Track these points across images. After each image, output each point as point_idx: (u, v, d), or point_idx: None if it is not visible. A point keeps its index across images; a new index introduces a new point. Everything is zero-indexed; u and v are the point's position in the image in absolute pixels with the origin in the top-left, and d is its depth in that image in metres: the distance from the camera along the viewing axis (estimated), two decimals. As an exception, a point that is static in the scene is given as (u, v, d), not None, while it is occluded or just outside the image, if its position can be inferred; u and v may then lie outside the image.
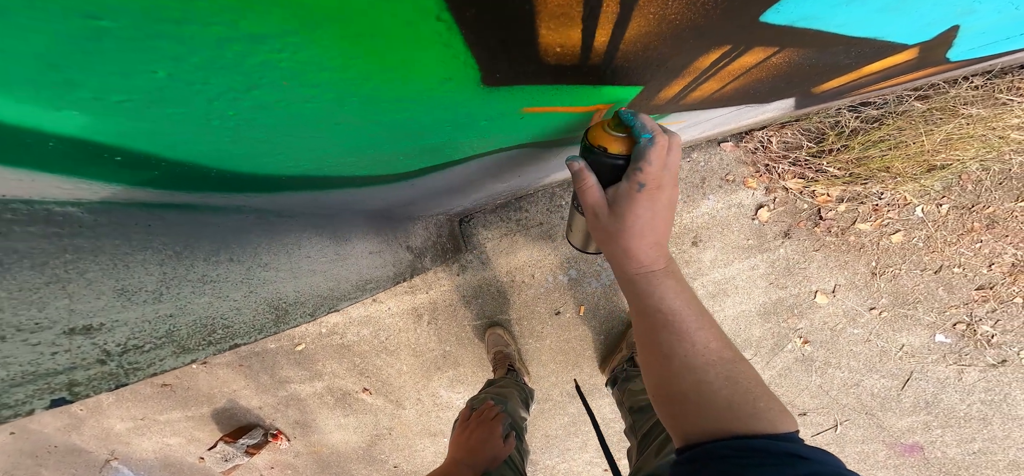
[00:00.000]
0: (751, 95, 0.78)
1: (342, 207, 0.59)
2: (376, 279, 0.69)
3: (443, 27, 0.21)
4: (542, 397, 1.68)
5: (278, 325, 0.46)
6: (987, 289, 1.41)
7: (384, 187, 0.57)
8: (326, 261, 0.56)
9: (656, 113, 0.69)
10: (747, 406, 0.35)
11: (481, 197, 1.09)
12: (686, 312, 0.39)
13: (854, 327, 1.51)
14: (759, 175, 1.35)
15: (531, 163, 0.80)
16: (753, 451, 0.32)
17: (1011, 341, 1.47)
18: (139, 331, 0.34)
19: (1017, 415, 1.57)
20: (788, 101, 0.98)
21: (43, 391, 0.28)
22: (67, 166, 0.26)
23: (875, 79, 0.90)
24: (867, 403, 1.62)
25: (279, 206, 0.47)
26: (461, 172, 0.64)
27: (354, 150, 0.36)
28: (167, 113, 0.22)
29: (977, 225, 1.34)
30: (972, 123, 1.14)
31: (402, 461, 1.94)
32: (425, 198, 0.78)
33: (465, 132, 0.42)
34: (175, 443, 1.93)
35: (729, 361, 0.37)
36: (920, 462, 1.70)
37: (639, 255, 0.40)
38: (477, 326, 1.56)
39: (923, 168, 1.24)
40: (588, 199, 0.43)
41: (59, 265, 0.29)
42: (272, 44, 0.18)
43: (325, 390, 1.74)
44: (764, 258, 1.42)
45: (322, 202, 0.52)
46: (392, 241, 0.80)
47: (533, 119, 0.46)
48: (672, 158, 0.40)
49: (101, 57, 0.16)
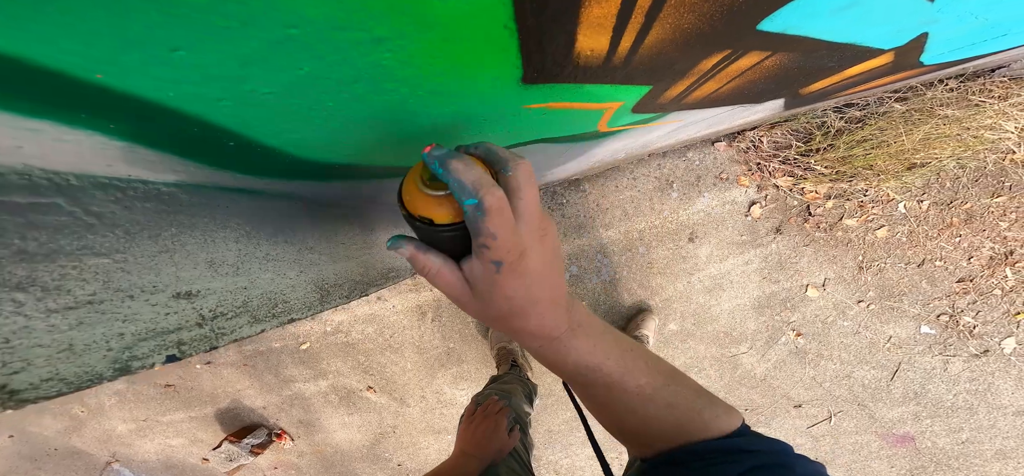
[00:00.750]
0: (745, 95, 0.86)
1: (369, 198, 0.64)
2: (398, 269, 0.74)
3: (507, 34, 0.27)
4: (545, 392, 1.73)
5: (323, 304, 0.51)
6: (967, 281, 1.50)
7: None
8: (358, 248, 0.61)
9: (660, 111, 0.76)
10: (693, 420, 0.36)
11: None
12: (607, 365, 0.36)
13: (844, 319, 1.59)
14: (751, 173, 1.43)
15: (539, 158, 0.86)
16: (710, 452, 0.34)
17: (992, 331, 1.56)
18: (224, 300, 0.39)
19: (1001, 404, 1.66)
20: (778, 102, 1.05)
21: (161, 347, 0.32)
22: (192, 149, 0.30)
23: (857, 81, 0.98)
24: (859, 394, 1.70)
25: (322, 195, 0.52)
26: None
27: (403, 141, 0.42)
28: (288, 103, 0.27)
29: (956, 220, 1.43)
30: (948, 123, 1.23)
31: (406, 459, 1.97)
32: None
33: (495, 127, 0.48)
34: (177, 444, 1.94)
35: (663, 387, 0.37)
36: (912, 452, 1.78)
37: (531, 330, 0.33)
38: (480, 323, 1.62)
39: (904, 166, 1.32)
40: (442, 289, 0.32)
41: (168, 237, 0.33)
42: (389, 45, 0.24)
43: (329, 389, 1.77)
44: (757, 253, 1.50)
45: (357, 192, 0.57)
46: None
47: (555, 115, 0.52)
48: (523, 204, 0.29)
49: (275, 57, 0.21)
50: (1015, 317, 1.52)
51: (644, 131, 0.89)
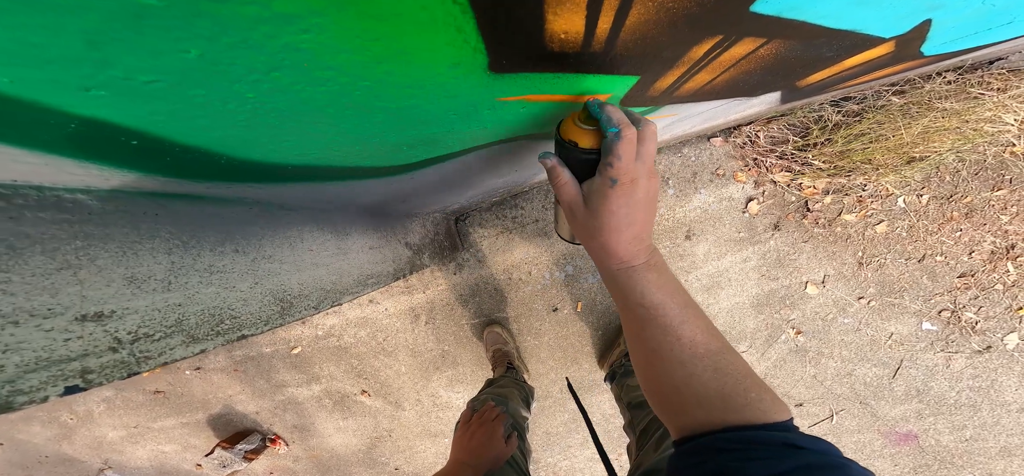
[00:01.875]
0: (740, 87, 0.81)
1: (341, 201, 0.60)
2: (377, 274, 0.69)
3: (458, 10, 0.23)
4: (542, 394, 1.68)
5: (284, 317, 0.46)
6: (969, 276, 1.45)
7: (383, 180, 0.58)
8: (328, 254, 0.56)
9: (651, 105, 0.71)
10: (738, 397, 0.35)
11: (477, 194, 1.10)
12: (670, 305, 0.38)
13: (844, 316, 1.54)
14: (748, 169, 1.38)
15: (528, 156, 0.81)
16: (752, 443, 0.32)
17: (994, 327, 1.51)
18: (149, 319, 0.34)
19: (1004, 401, 1.62)
20: (774, 95, 1.01)
21: (57, 378, 0.28)
22: (84, 150, 0.26)
23: (856, 73, 0.93)
24: (861, 392, 1.66)
25: (281, 198, 0.47)
26: (458, 165, 0.65)
27: (360, 138, 0.37)
28: (190, 95, 0.22)
29: (956, 214, 1.38)
30: (947, 116, 1.18)
31: (403, 463, 1.93)
32: (422, 193, 0.79)
33: (468, 122, 0.44)
34: (170, 450, 1.90)
35: (716, 352, 0.37)
36: (915, 450, 1.73)
37: (618, 251, 0.39)
38: (475, 325, 1.57)
39: (903, 160, 1.28)
40: (563, 196, 0.41)
41: (70, 251, 0.29)
42: (299, 24, 0.19)
43: (323, 393, 1.73)
44: (755, 250, 1.45)
45: (322, 195, 0.52)
46: (391, 237, 0.80)
47: (533, 108, 0.47)
48: (645, 149, 0.37)
49: (140, 36, 0.17)
50: (1017, 312, 1.48)
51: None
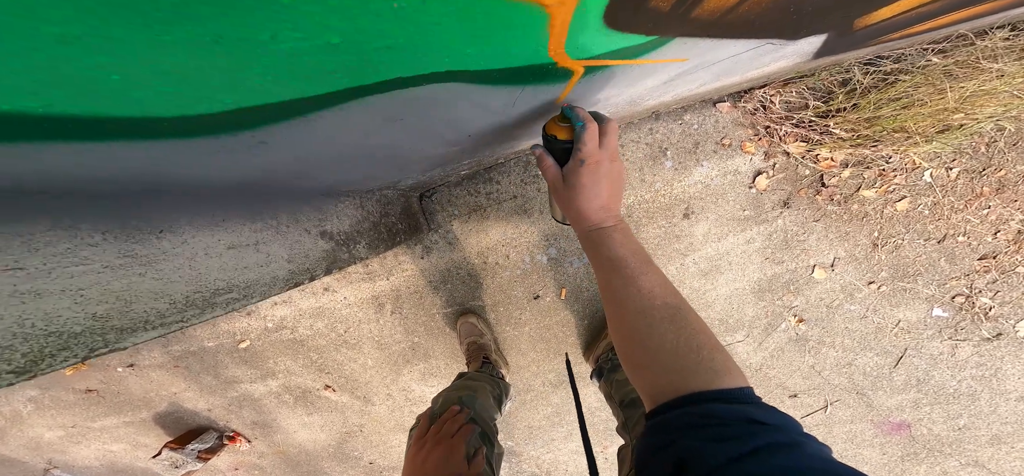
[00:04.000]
0: (786, 17, 0.56)
1: (135, 180, 0.34)
2: (246, 283, 0.46)
3: None
4: (523, 388, 1.49)
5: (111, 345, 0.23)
6: (990, 258, 1.27)
7: (203, 142, 0.31)
8: (86, 272, 0.30)
9: (657, 29, 0.45)
10: (692, 353, 0.36)
11: (433, 167, 0.85)
12: (631, 260, 0.44)
13: (851, 303, 1.36)
14: (758, 139, 1.15)
15: (473, 115, 0.53)
16: (715, 419, 0.31)
17: (1008, 313, 1.35)
18: None
19: (1005, 389, 1.48)
20: (816, 41, 0.77)
21: None
22: None
23: (932, 12, 0.69)
24: (859, 382, 1.50)
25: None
26: (339, 123, 0.38)
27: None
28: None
29: (986, 190, 1.19)
30: (996, 78, 0.96)
31: (377, 457, 1.74)
32: (329, 166, 0.52)
33: (251, 21, 0.20)
34: (119, 449, 1.68)
35: (673, 307, 0.40)
36: (906, 439, 1.61)
37: (589, 215, 0.48)
38: (448, 314, 1.35)
39: (937, 128, 1.06)
40: (548, 176, 0.52)
41: None
42: None
43: (281, 389, 1.51)
44: (761, 230, 1.25)
45: (58, 170, 0.27)
46: (288, 226, 0.55)
47: (430, 12, 0.23)
48: (607, 140, 0.49)
49: None
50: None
51: (631, 75, 0.59)
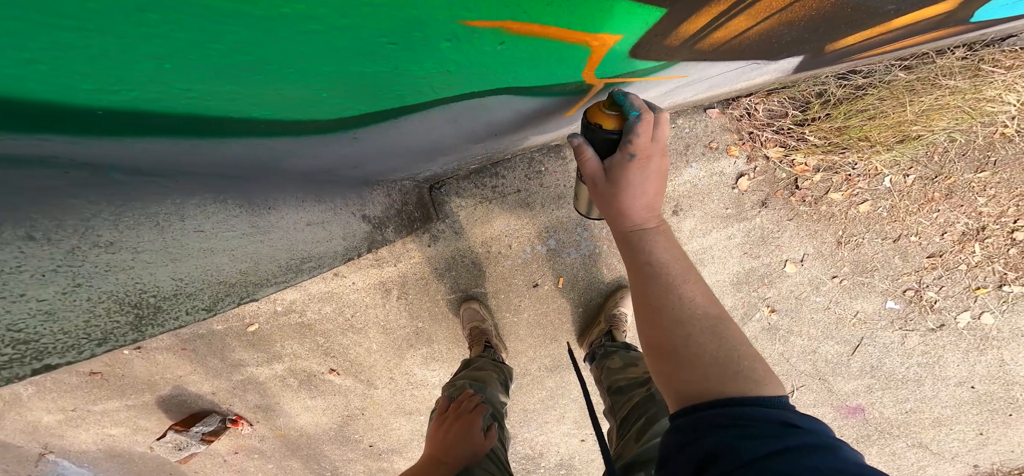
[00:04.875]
0: (769, 45, 0.64)
1: (256, 166, 0.40)
2: (318, 256, 0.51)
3: None
4: (520, 372, 1.56)
5: (139, 330, 0.28)
6: (937, 257, 1.41)
7: (314, 140, 0.38)
8: (234, 236, 0.37)
9: (665, 59, 0.54)
10: (732, 363, 0.34)
11: (451, 160, 0.90)
12: (673, 266, 0.40)
13: (817, 295, 1.48)
14: (742, 143, 1.24)
15: (508, 118, 0.61)
16: (747, 419, 0.30)
17: (950, 306, 1.50)
18: None
19: (945, 375, 1.64)
20: (793, 60, 0.85)
21: None
22: None
23: (892, 37, 0.78)
24: (821, 369, 1.64)
25: (137, 160, 0.28)
26: (421, 125, 0.46)
27: (256, 73, 0.19)
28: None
29: (937, 195, 1.31)
30: (951, 94, 1.07)
31: (378, 440, 1.79)
32: (380, 157, 0.59)
33: (416, 55, 0.25)
34: (118, 433, 1.67)
35: (714, 317, 0.37)
36: (860, 422, 1.76)
37: (632, 215, 0.43)
38: (451, 300, 1.40)
39: (897, 138, 1.17)
40: (587, 169, 0.46)
41: None
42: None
43: (287, 372, 1.53)
44: (741, 228, 1.34)
45: (215, 156, 0.33)
46: (341, 209, 0.61)
47: (515, 48, 0.29)
48: (659, 132, 0.43)
49: None
50: (975, 292, 1.46)
51: (639, 88, 0.66)
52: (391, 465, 1.83)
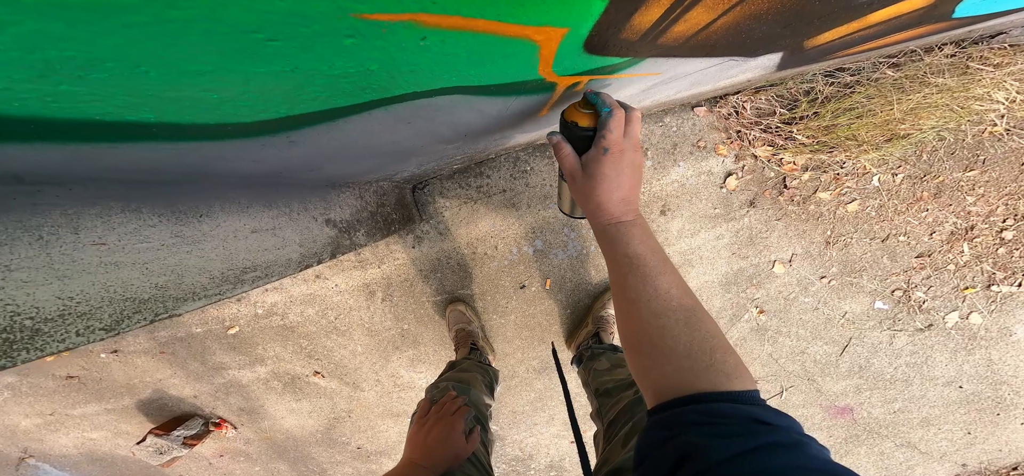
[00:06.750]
0: (741, 41, 0.59)
1: (181, 171, 0.34)
2: (267, 264, 0.45)
3: None
4: (508, 374, 1.51)
5: (9, 356, 0.23)
6: (925, 256, 1.37)
7: (241, 144, 0.33)
8: (149, 248, 0.32)
9: (629, 54, 0.49)
10: (704, 356, 0.34)
11: (427, 161, 0.84)
12: (649, 258, 0.41)
13: (805, 296, 1.44)
14: (730, 142, 1.19)
15: (473, 119, 0.56)
16: (719, 417, 0.31)
17: (939, 306, 1.46)
18: None
19: (933, 375, 1.60)
20: (774, 57, 0.80)
21: None
22: None
23: (873, 34, 0.74)
24: (810, 369, 1.59)
25: (10, 166, 0.23)
26: (367, 127, 0.41)
27: (97, 72, 0.14)
28: None
29: (925, 194, 1.27)
30: (940, 92, 1.03)
31: (365, 442, 1.72)
32: (335, 160, 0.53)
33: (320, 55, 0.21)
34: (99, 437, 1.60)
35: (688, 309, 0.37)
36: (849, 422, 1.72)
37: (609, 207, 0.43)
38: (437, 302, 1.35)
39: (885, 137, 1.13)
40: (565, 165, 0.46)
41: None
42: None
43: (270, 375, 1.47)
44: (729, 228, 1.30)
45: (122, 163, 0.28)
46: (299, 214, 0.55)
47: (442, 45, 0.24)
48: (631, 128, 0.44)
49: None
50: (963, 292, 1.42)
51: (610, 86, 0.61)
52: (380, 467, 1.77)
